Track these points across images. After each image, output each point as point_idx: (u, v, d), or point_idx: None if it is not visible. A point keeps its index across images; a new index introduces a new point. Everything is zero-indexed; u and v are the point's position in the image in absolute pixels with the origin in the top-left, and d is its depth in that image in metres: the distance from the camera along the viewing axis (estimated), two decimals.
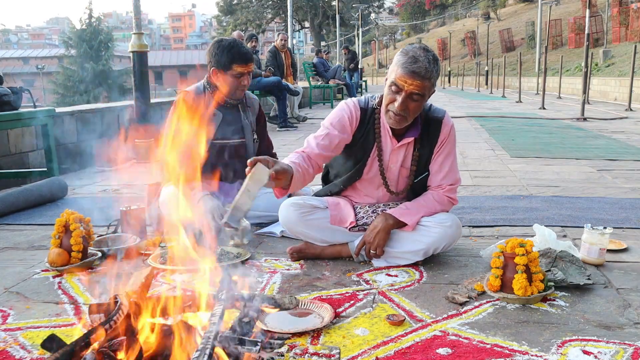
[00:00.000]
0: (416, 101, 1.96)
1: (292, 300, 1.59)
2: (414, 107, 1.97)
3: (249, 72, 2.65)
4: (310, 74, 11.74)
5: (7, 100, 3.57)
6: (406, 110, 1.97)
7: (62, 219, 2.18)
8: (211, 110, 2.66)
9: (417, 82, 1.91)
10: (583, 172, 4.23)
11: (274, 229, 2.65)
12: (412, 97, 1.94)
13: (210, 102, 2.67)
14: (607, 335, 1.57)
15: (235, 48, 2.60)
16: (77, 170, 4.70)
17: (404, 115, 1.99)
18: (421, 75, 1.90)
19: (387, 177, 2.19)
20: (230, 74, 2.60)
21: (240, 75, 2.61)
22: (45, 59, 47.85)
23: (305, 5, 37.93)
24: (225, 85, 2.63)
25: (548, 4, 24.84)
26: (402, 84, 1.92)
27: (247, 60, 2.61)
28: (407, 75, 1.90)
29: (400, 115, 1.98)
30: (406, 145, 2.16)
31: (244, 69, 2.61)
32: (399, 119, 2.00)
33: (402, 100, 1.94)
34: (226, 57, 2.58)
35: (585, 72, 9.99)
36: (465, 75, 26.85)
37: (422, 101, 1.98)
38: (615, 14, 19.56)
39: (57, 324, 1.69)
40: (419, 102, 1.97)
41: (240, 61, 2.59)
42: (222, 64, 2.60)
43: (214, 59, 2.62)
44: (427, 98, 2.00)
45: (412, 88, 1.92)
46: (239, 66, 2.59)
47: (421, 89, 1.92)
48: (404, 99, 1.94)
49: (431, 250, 2.14)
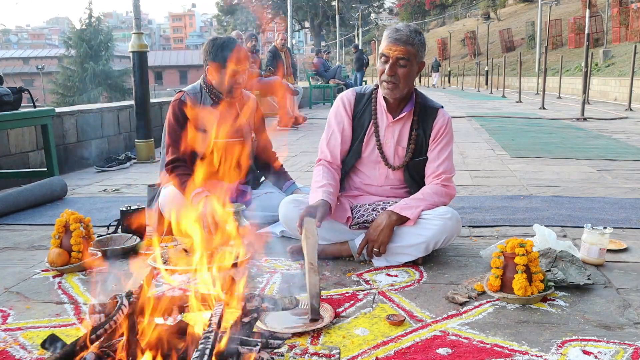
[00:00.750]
0: (404, 67, 2.10)
1: (292, 300, 1.59)
2: (403, 72, 2.11)
3: (244, 70, 2.64)
4: (310, 74, 11.74)
5: (7, 100, 3.57)
6: (396, 76, 2.11)
7: (62, 219, 2.18)
8: (208, 107, 2.66)
9: (400, 48, 2.07)
10: (583, 172, 4.23)
11: (274, 229, 2.65)
12: (398, 63, 2.09)
13: (207, 101, 2.67)
14: (607, 335, 1.57)
15: (230, 46, 2.58)
16: (77, 170, 4.70)
17: (395, 82, 2.12)
18: (403, 41, 2.07)
19: (385, 152, 2.27)
20: (225, 72, 2.59)
21: (235, 73, 2.60)
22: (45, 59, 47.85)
23: (305, 5, 37.94)
24: (221, 83, 2.63)
25: (548, 4, 24.84)
26: (387, 52, 2.09)
27: (242, 58, 2.61)
28: (391, 43, 2.09)
29: (391, 82, 2.12)
30: (402, 123, 2.25)
31: (239, 66, 2.59)
32: (391, 86, 2.13)
33: (390, 66, 2.09)
34: (221, 55, 2.57)
35: (585, 72, 9.99)
36: (465, 75, 26.84)
37: (409, 67, 2.11)
38: (615, 14, 19.56)
39: (57, 324, 1.69)
40: (406, 68, 2.10)
41: (235, 59, 2.58)
42: (217, 62, 2.59)
43: (209, 57, 2.61)
44: (414, 66, 2.13)
45: (396, 53, 2.08)
46: (234, 64, 2.58)
47: (405, 54, 2.08)
48: (392, 64, 2.09)
49: (432, 244, 2.14)
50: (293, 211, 2.23)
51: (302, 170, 4.47)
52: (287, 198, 2.35)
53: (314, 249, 1.87)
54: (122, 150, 5.39)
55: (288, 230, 2.43)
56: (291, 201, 2.29)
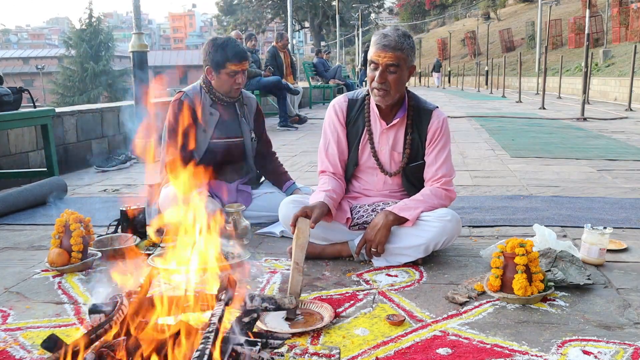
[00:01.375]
0: (394, 73, 2.08)
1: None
2: (393, 79, 2.09)
3: (243, 70, 2.64)
4: (310, 74, 11.74)
5: (7, 100, 3.57)
6: (386, 83, 2.09)
7: (62, 219, 2.18)
8: (208, 108, 2.66)
9: (389, 54, 2.05)
10: (583, 172, 4.23)
11: (274, 229, 2.65)
12: (388, 70, 2.07)
13: (206, 102, 2.67)
14: (607, 335, 1.57)
15: (229, 46, 2.59)
16: (77, 170, 4.70)
17: (386, 89, 2.10)
18: (392, 47, 2.05)
19: (380, 159, 2.26)
20: (224, 72, 2.60)
21: (234, 73, 2.60)
22: (45, 59, 47.85)
23: (305, 5, 37.93)
24: (220, 83, 2.63)
25: (548, 4, 24.84)
26: (377, 59, 2.07)
27: (241, 58, 2.60)
28: (380, 49, 2.06)
29: (382, 89, 2.10)
30: (396, 129, 2.24)
31: (238, 67, 2.60)
32: (382, 93, 2.11)
33: (380, 73, 2.07)
34: (220, 56, 2.58)
35: (585, 72, 9.99)
36: (465, 75, 26.83)
37: (399, 73, 2.09)
38: (615, 14, 19.56)
39: (57, 324, 1.69)
40: (397, 74, 2.08)
41: (234, 59, 2.58)
42: (216, 62, 2.59)
43: (208, 57, 2.62)
44: (405, 71, 2.11)
45: (386, 60, 2.05)
46: (233, 64, 2.58)
47: (395, 59, 2.05)
48: (382, 72, 2.07)
49: (431, 246, 2.14)
50: (293, 211, 2.22)
51: (302, 170, 4.47)
52: (288, 198, 2.35)
53: (303, 249, 1.89)
54: (122, 150, 5.39)
55: (288, 230, 2.43)
56: (291, 201, 2.29)
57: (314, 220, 2.01)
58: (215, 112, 2.68)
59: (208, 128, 2.66)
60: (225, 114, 2.72)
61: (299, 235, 1.94)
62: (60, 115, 4.65)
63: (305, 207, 2.06)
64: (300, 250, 1.87)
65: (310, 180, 3.77)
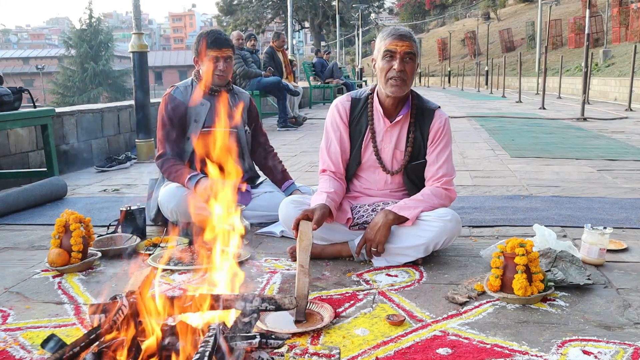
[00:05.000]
0: (410, 61, 2.12)
1: (292, 300, 1.59)
2: (410, 68, 2.13)
3: (224, 58, 2.69)
4: (310, 74, 11.74)
5: (7, 100, 3.57)
6: (404, 71, 2.11)
7: (62, 219, 2.18)
8: (198, 99, 2.70)
9: (407, 43, 2.09)
10: (583, 172, 4.23)
11: (274, 229, 2.65)
12: (406, 58, 2.10)
13: (197, 93, 2.73)
14: (607, 335, 1.57)
15: (210, 34, 2.70)
16: (77, 170, 4.70)
17: (404, 78, 2.11)
18: (407, 37, 2.11)
19: (382, 158, 2.26)
20: (206, 59, 2.68)
21: (216, 59, 2.68)
22: (45, 59, 47.88)
23: (305, 5, 37.92)
24: (205, 70, 2.71)
25: (548, 4, 24.82)
26: (394, 47, 2.09)
27: (221, 44, 2.68)
28: (397, 39, 2.09)
29: (400, 77, 2.10)
30: (399, 127, 2.24)
31: (217, 52, 2.67)
32: (400, 82, 2.11)
33: (399, 61, 2.09)
34: (202, 43, 2.68)
35: (585, 72, 9.99)
36: (465, 75, 26.82)
37: (414, 63, 2.14)
38: (615, 14, 19.56)
39: (57, 324, 1.69)
40: (412, 64, 2.13)
41: (213, 45, 2.66)
42: (198, 50, 2.70)
43: (194, 47, 2.73)
44: (417, 62, 2.17)
45: (404, 48, 2.09)
46: (212, 50, 2.66)
47: (412, 48, 2.11)
48: (400, 60, 2.09)
49: (432, 246, 2.14)
50: (293, 211, 2.22)
51: (302, 170, 4.47)
52: (288, 198, 2.35)
53: (307, 251, 1.88)
54: (122, 150, 5.39)
55: (288, 230, 2.43)
56: (291, 201, 2.29)
57: (316, 223, 2.00)
58: (206, 102, 2.73)
59: (199, 118, 2.71)
60: (217, 104, 2.74)
61: (302, 238, 1.94)
62: (60, 115, 4.65)
63: (306, 209, 2.06)
64: (305, 253, 1.87)
65: (310, 180, 3.77)
